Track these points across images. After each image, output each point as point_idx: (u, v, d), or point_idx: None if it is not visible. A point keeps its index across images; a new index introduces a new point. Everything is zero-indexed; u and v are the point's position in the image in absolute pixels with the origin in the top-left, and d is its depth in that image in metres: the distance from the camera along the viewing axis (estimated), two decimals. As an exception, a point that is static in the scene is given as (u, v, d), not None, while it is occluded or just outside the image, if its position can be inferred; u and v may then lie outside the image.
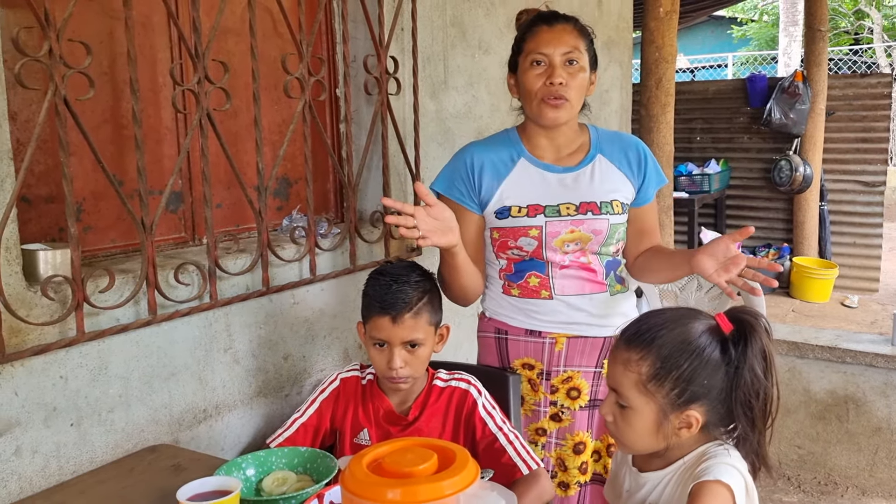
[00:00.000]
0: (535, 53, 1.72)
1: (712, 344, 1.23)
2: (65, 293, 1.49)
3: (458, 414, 1.63)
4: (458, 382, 1.67)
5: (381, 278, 1.63)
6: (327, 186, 2.35)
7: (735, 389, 1.22)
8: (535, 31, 1.74)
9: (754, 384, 1.22)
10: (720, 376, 1.23)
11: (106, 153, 1.70)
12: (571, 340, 1.79)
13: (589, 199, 1.75)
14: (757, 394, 1.22)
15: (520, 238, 1.75)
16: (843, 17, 14.41)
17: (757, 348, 1.22)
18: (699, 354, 1.22)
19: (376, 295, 1.61)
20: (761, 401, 1.23)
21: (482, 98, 2.76)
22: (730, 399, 1.23)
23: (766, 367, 1.23)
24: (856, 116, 6.15)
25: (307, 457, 1.51)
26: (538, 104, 1.73)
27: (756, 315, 1.25)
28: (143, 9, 1.77)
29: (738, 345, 1.23)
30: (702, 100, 6.66)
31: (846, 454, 3.24)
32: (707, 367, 1.22)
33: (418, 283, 1.62)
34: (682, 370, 1.22)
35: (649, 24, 3.82)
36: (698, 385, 1.22)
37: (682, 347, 1.23)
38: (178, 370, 1.73)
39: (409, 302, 1.58)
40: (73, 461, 1.54)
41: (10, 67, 1.41)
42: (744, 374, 1.22)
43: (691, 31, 13.25)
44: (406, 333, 1.57)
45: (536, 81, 1.72)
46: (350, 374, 1.72)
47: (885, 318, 5.44)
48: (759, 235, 6.55)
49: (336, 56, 2.28)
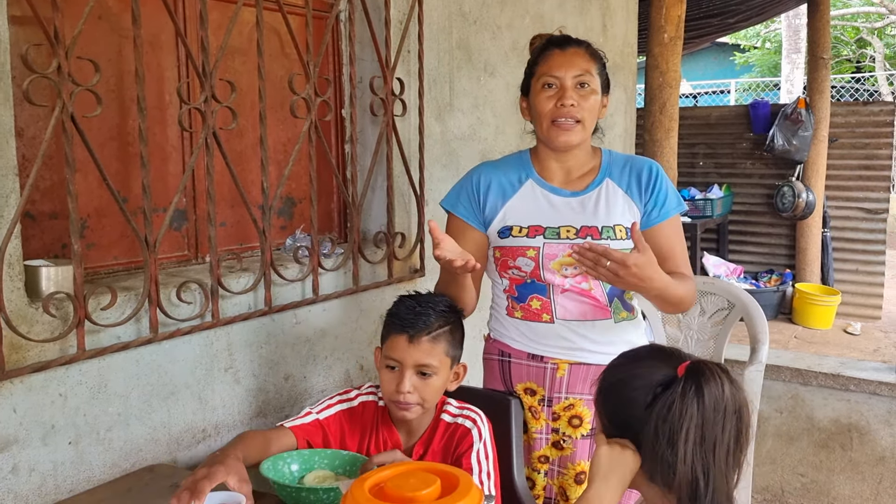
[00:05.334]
0: (546, 76, 1.72)
1: (648, 388, 1.17)
2: (66, 310, 1.48)
3: (455, 450, 1.61)
4: (464, 420, 1.64)
5: (407, 300, 1.64)
6: (331, 206, 2.35)
7: (654, 442, 1.15)
8: (547, 55, 1.75)
9: (671, 448, 1.12)
10: (643, 418, 1.16)
11: (111, 170, 1.70)
12: (573, 367, 1.77)
13: (591, 223, 1.73)
14: (674, 460, 1.12)
15: (518, 258, 1.74)
16: (846, 45, 14.50)
17: (690, 413, 1.12)
18: (629, 388, 1.20)
19: (398, 313, 1.60)
20: (682, 474, 1.13)
21: (487, 120, 2.77)
22: (651, 451, 1.15)
23: (699, 443, 1.12)
24: (858, 144, 6.16)
25: (348, 459, 1.55)
26: (549, 127, 1.73)
27: (716, 373, 1.15)
28: (152, 27, 1.78)
29: (670, 400, 1.14)
30: (705, 125, 6.68)
31: (850, 483, 3.21)
32: (632, 404, 1.19)
33: (443, 312, 1.62)
34: (612, 398, 1.23)
35: (654, 49, 3.84)
36: (623, 418, 1.20)
37: (620, 381, 1.23)
38: (178, 389, 1.72)
39: (429, 325, 1.57)
40: (70, 480, 1.52)
41: (18, 84, 1.42)
42: (662, 430, 1.13)
43: (694, 56, 13.33)
44: (420, 356, 1.56)
45: (547, 104, 1.72)
46: (369, 397, 1.70)
47: (888, 346, 5.42)
48: (762, 261, 6.54)
49: (342, 77, 2.29)
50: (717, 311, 3.11)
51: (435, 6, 2.44)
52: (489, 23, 2.73)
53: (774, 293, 6.11)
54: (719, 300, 3.10)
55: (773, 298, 6.06)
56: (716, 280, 3.32)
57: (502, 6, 2.79)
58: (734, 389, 1.15)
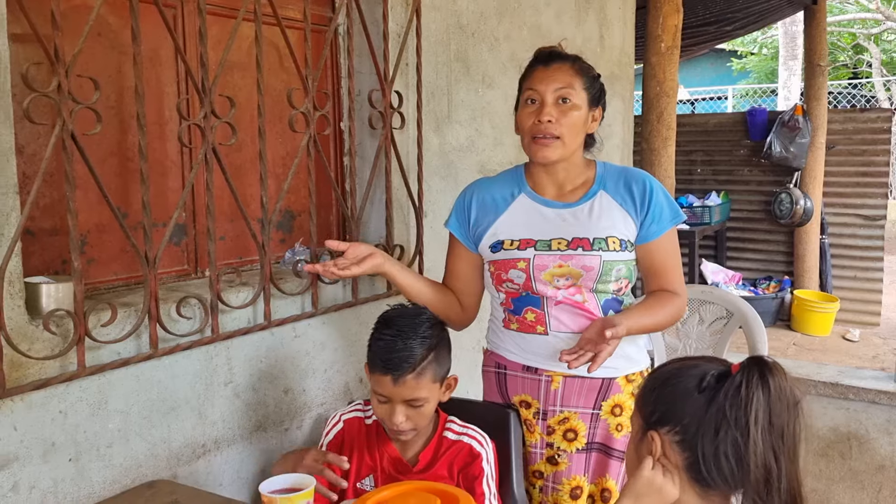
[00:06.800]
0: (528, 91, 1.75)
1: (702, 377, 1.17)
2: (66, 327, 1.49)
3: (464, 473, 1.61)
4: (470, 440, 1.63)
5: (386, 332, 1.60)
6: (330, 219, 2.36)
7: (717, 430, 1.13)
8: (531, 71, 1.77)
9: (740, 432, 1.11)
10: (697, 405, 1.15)
11: (111, 186, 1.71)
12: (568, 380, 1.77)
13: (582, 234, 1.73)
14: (746, 447, 1.10)
15: (510, 270, 1.74)
16: (842, 51, 14.54)
17: (757, 397, 1.11)
18: (679, 378, 1.20)
19: (379, 351, 1.58)
20: (754, 463, 1.10)
21: (486, 132, 2.78)
22: (711, 442, 1.14)
23: (768, 429, 1.11)
24: (856, 150, 6.17)
25: None
26: (529, 142, 1.75)
27: (776, 367, 1.14)
28: (152, 44, 1.79)
29: (736, 384, 1.13)
30: (702, 132, 6.70)
31: (849, 492, 3.20)
32: (683, 392, 1.18)
33: (424, 339, 1.59)
34: (658, 388, 1.23)
35: (651, 59, 3.85)
36: (669, 406, 1.19)
37: (670, 373, 1.24)
38: (178, 404, 1.72)
39: (413, 362, 1.55)
40: (70, 497, 1.52)
41: (18, 102, 1.43)
42: (731, 415, 1.11)
43: (691, 63, 13.35)
44: (408, 393, 1.55)
45: (528, 119, 1.74)
46: (353, 414, 1.70)
47: (887, 353, 5.42)
48: (760, 268, 6.54)
49: (341, 90, 2.30)
50: (715, 320, 3.11)
51: (433, 19, 2.45)
52: (487, 35, 2.74)
53: (773, 300, 6.11)
54: (718, 309, 3.11)
55: (771, 305, 6.06)
56: (714, 289, 3.32)
57: (500, 18, 2.81)
58: (792, 383, 1.15)
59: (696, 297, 3.14)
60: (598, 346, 1.57)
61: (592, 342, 1.58)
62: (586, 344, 1.59)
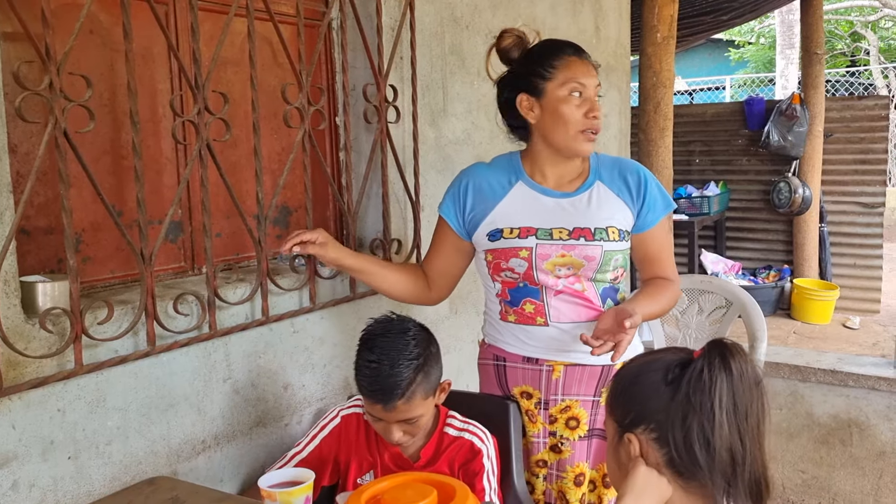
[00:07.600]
0: (574, 83, 1.71)
1: (667, 369, 1.17)
2: (63, 325, 1.49)
3: (465, 470, 1.61)
4: (471, 436, 1.63)
5: (371, 359, 1.56)
6: (327, 214, 2.35)
7: (685, 418, 1.13)
8: (566, 60, 1.73)
9: (706, 416, 1.10)
10: (666, 397, 1.15)
11: (105, 184, 1.71)
12: (569, 368, 1.78)
13: (583, 224, 1.74)
14: (712, 431, 1.10)
15: (511, 259, 1.74)
16: (840, 39, 14.52)
17: (720, 380, 1.11)
18: (645, 375, 1.20)
19: (365, 381, 1.57)
20: (720, 446, 1.11)
21: (481, 124, 2.77)
22: (681, 430, 1.13)
23: (733, 410, 1.11)
24: (854, 138, 6.17)
25: None
26: (576, 135, 1.72)
27: (737, 349, 1.14)
28: (144, 41, 1.79)
29: (698, 369, 1.13)
30: (700, 122, 6.69)
31: (850, 479, 3.21)
32: (651, 388, 1.17)
33: (411, 360, 1.55)
34: (626, 388, 1.22)
35: (647, 49, 3.85)
36: (640, 405, 1.18)
37: (635, 371, 1.23)
38: (177, 401, 1.72)
39: (401, 390, 1.53)
40: (70, 495, 1.52)
41: (10, 101, 1.42)
42: (696, 401, 1.11)
43: (689, 53, 13.34)
44: (400, 415, 1.55)
45: (577, 112, 1.71)
46: (351, 410, 1.70)
47: (887, 340, 5.42)
48: (760, 257, 6.55)
49: (336, 85, 2.29)
50: (715, 310, 3.12)
51: (427, 12, 2.45)
52: (481, 27, 2.73)
53: (773, 289, 6.11)
54: (717, 298, 3.11)
55: (771, 294, 6.07)
56: (713, 278, 3.33)
57: (494, 10, 2.80)
58: (753, 363, 1.16)
59: (695, 286, 3.14)
60: (617, 335, 1.57)
61: (610, 332, 1.59)
62: (603, 334, 1.59)
